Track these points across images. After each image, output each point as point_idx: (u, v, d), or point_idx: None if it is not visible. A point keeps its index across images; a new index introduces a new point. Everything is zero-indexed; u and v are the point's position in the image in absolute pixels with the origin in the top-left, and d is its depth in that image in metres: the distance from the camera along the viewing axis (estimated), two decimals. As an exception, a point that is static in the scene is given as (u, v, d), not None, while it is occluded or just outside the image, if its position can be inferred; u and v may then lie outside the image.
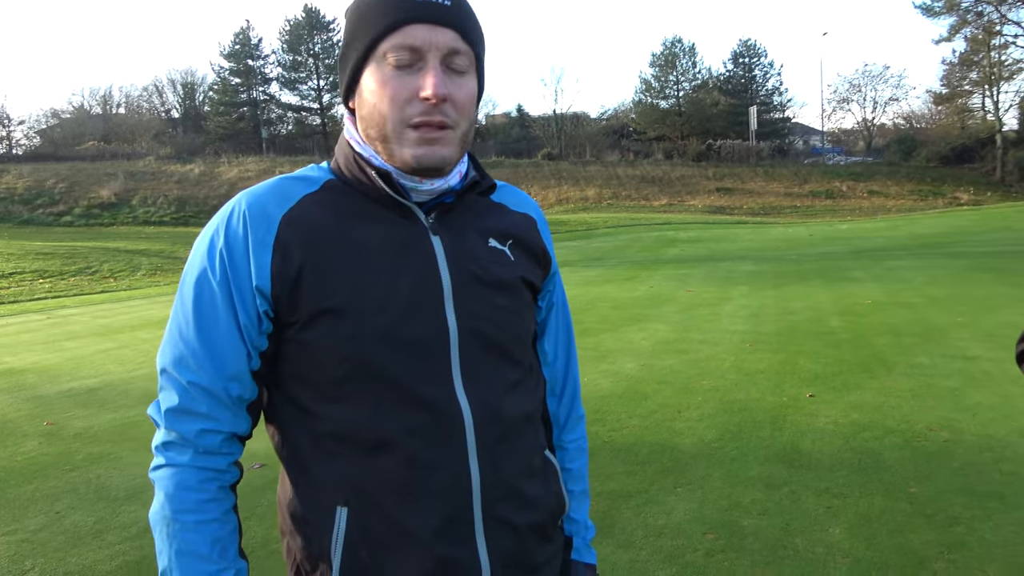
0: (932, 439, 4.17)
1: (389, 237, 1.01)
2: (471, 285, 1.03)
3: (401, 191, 1.00)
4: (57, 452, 4.61)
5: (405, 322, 0.97)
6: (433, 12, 0.95)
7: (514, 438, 1.06)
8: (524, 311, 1.11)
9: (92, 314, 11.15)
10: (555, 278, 1.22)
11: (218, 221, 0.99)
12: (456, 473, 0.99)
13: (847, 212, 31.06)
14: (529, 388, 1.12)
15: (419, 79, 0.95)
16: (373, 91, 0.97)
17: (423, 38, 0.95)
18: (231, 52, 45.92)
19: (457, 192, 1.05)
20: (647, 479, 3.77)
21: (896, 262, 12.81)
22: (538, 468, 1.12)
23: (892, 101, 65.42)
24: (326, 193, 1.03)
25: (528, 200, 1.21)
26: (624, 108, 52.57)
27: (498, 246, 1.09)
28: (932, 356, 6.01)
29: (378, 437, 0.97)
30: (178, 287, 1.00)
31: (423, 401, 0.98)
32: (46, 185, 29.38)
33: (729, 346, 6.73)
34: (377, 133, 0.99)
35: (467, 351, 1.01)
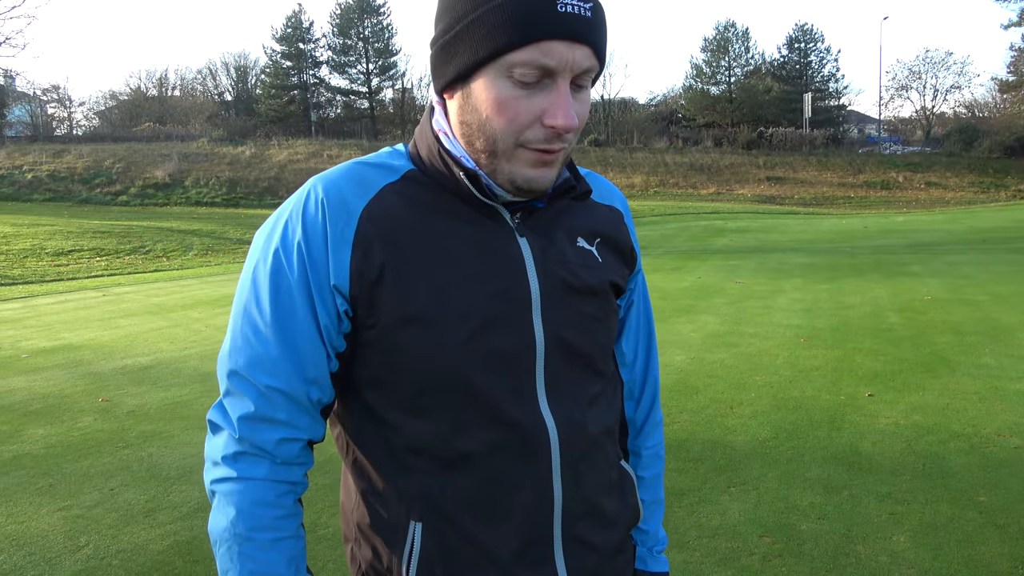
0: (1001, 445, 3.97)
1: (474, 238, 0.92)
2: (560, 292, 0.94)
3: (488, 192, 0.91)
4: (111, 429, 4.70)
5: (491, 333, 0.90)
6: (574, 27, 0.83)
7: (595, 454, 0.99)
8: (610, 318, 1.03)
9: (146, 292, 11.41)
10: (639, 275, 1.13)
11: (292, 209, 0.91)
12: (539, 492, 0.93)
13: (903, 204, 30.09)
14: (610, 399, 1.05)
15: (544, 101, 0.84)
16: (488, 104, 0.86)
17: (560, 57, 0.83)
18: (283, 35, 46.43)
19: (549, 196, 0.96)
20: (700, 477, 3.67)
21: (957, 257, 12.34)
22: (616, 482, 1.05)
23: (954, 89, 63.16)
24: (407, 183, 0.94)
25: (614, 190, 1.12)
26: (673, 94, 51.78)
27: (586, 246, 1.00)
28: (999, 357, 5.75)
29: (457, 452, 0.91)
30: (244, 280, 0.93)
31: (507, 417, 0.91)
32: (104, 165, 30.16)
33: (782, 341, 6.55)
34: (485, 146, 0.89)
35: (552, 364, 0.93)
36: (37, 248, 16.45)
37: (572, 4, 0.82)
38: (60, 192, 27.70)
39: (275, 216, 0.94)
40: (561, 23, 0.82)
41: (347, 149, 34.73)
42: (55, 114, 44.08)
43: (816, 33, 47.91)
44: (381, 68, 46.93)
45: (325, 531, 3.20)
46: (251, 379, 0.89)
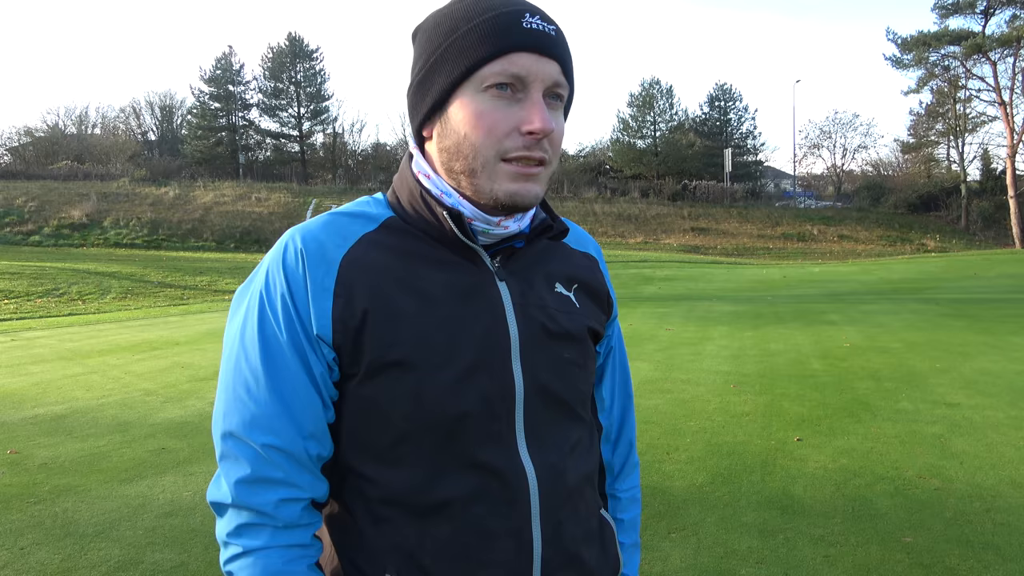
0: (922, 487, 4.15)
1: (454, 283, 0.93)
2: (539, 337, 0.95)
3: (470, 234, 0.92)
4: (21, 483, 4.40)
5: (470, 378, 0.90)
6: (540, 41, 0.88)
7: (576, 502, 0.99)
8: (589, 363, 1.04)
9: (59, 337, 10.83)
10: (615, 322, 1.16)
11: (272, 262, 0.91)
12: (518, 541, 0.92)
13: (819, 255, 31.58)
14: (589, 446, 1.05)
15: (522, 111, 0.88)
16: (466, 121, 0.89)
17: (529, 67, 0.87)
18: (212, 77, 45.75)
19: (527, 237, 0.98)
20: (640, 523, 3.68)
21: (871, 306, 12.98)
22: (596, 531, 1.05)
23: (861, 148, 67.43)
24: (386, 232, 0.95)
25: (587, 237, 1.15)
26: (602, 146, 53.23)
27: (564, 291, 1.02)
28: (915, 402, 6.03)
29: (434, 501, 0.89)
30: (232, 338, 0.91)
31: (486, 463, 0.90)
32: (15, 203, 28.78)
33: (713, 386, 6.71)
34: (464, 166, 0.90)
35: (532, 409, 0.94)
36: (-62, 289, 15.46)
37: (536, 22, 0.89)
38: (-35, 231, 26.20)
39: (255, 272, 0.93)
40: (527, 36, 0.87)
41: (276, 192, 34.22)
42: (-38, 149, 41.93)
43: (735, 92, 50.39)
44: (313, 112, 46.71)
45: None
46: (247, 439, 0.86)
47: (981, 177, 41.43)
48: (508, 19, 0.88)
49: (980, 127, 40.37)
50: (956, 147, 41.91)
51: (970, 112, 40.05)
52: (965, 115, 40.15)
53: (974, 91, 39.00)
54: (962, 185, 38.96)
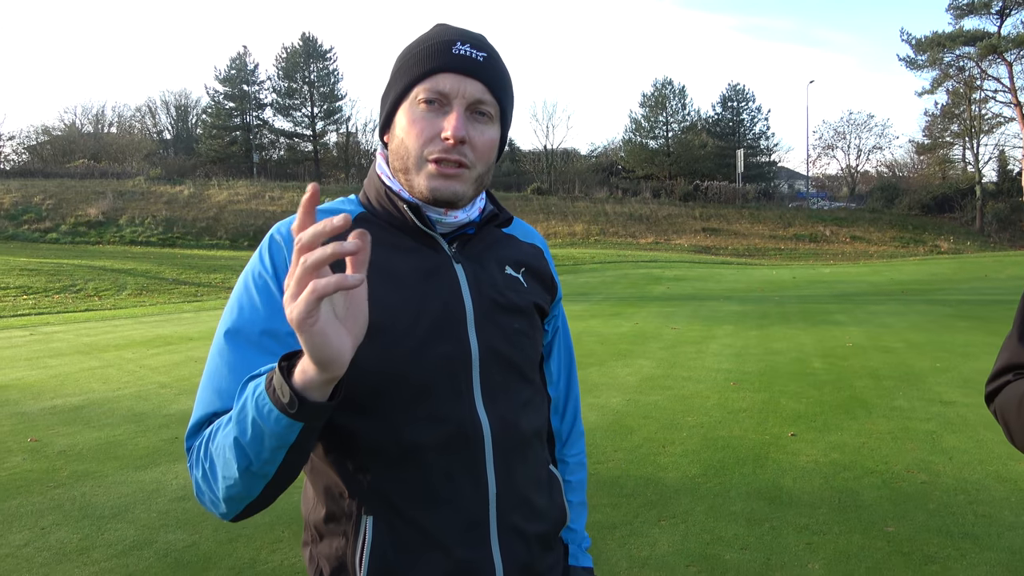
0: (910, 480, 4.26)
1: (418, 265, 1.10)
2: (491, 310, 1.12)
3: (428, 223, 1.09)
4: (42, 469, 4.59)
5: (432, 342, 1.06)
6: (464, 64, 1.06)
7: (526, 451, 1.15)
8: (536, 334, 1.21)
9: (76, 332, 11.09)
10: (560, 304, 1.33)
11: (259, 252, 1.08)
12: (475, 482, 1.07)
13: (830, 256, 31.53)
14: (539, 406, 1.21)
15: (443, 121, 1.05)
16: (403, 127, 1.07)
17: (451, 86, 1.05)
18: (227, 76, 46.19)
19: (477, 224, 1.15)
20: (631, 512, 3.83)
21: (877, 307, 13.03)
22: (544, 480, 1.21)
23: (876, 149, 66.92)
24: (357, 224, 1.11)
25: (534, 232, 1.33)
26: (614, 146, 53.35)
27: (513, 273, 1.19)
28: (911, 399, 6.13)
29: (404, 449, 1.04)
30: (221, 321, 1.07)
31: (448, 415, 1.06)
32: (33, 201, 29.23)
33: (713, 384, 6.83)
34: (401, 165, 1.09)
35: (487, 370, 1.10)
36: (-41, 285, 15.79)
37: (465, 49, 1.07)
38: (-15, 228, 26.65)
39: (248, 265, 1.09)
40: (453, 60, 1.06)
41: (289, 191, 34.52)
42: (-18, 148, 42.55)
43: (748, 93, 50.29)
44: (326, 112, 47.04)
45: (264, 567, 3.22)
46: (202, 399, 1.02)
47: (997, 178, 41.19)
48: (441, 46, 1.07)
49: (996, 128, 40.18)
50: (971, 148, 41.68)
51: (985, 113, 39.86)
52: (980, 116, 39.92)
53: (990, 92, 38.85)
54: (977, 187, 38.71)
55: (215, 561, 3.29)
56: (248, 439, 0.86)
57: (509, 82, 1.13)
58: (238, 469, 0.89)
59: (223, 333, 1.03)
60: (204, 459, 0.95)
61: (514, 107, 1.16)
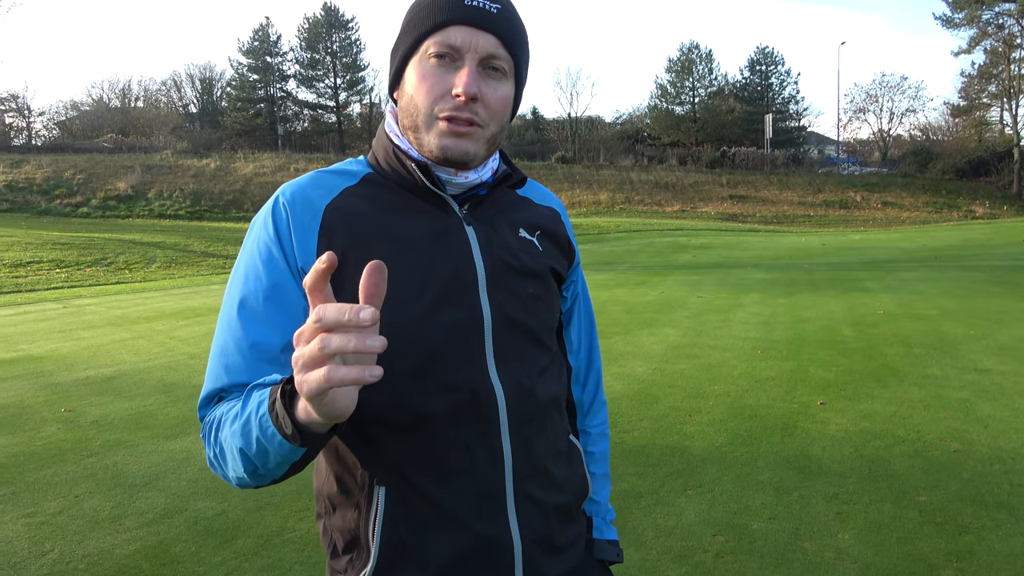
0: (942, 449, 4.18)
1: (426, 227, 1.05)
2: (503, 273, 1.07)
3: (438, 183, 1.05)
4: (75, 438, 4.68)
5: (442, 307, 1.02)
6: (476, 16, 1.00)
7: (543, 420, 1.11)
8: (552, 299, 1.16)
9: (107, 304, 11.27)
10: (578, 269, 1.27)
11: (264, 214, 1.04)
12: (490, 452, 1.03)
13: (861, 222, 30.95)
14: (556, 373, 1.16)
15: (455, 77, 1.00)
16: (413, 83, 1.02)
17: (463, 39, 1.00)
18: (250, 49, 46.19)
19: (489, 185, 1.10)
20: (658, 481, 3.80)
21: (909, 273, 12.77)
22: (564, 451, 1.17)
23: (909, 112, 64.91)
24: (366, 186, 1.07)
25: (551, 195, 1.27)
26: (639, 113, 52.61)
27: (527, 236, 1.14)
28: (943, 367, 6.01)
29: (415, 418, 1.01)
30: (234, 271, 1.04)
31: (459, 383, 1.02)
32: (64, 176, 29.65)
33: (740, 352, 6.75)
34: (410, 122, 1.04)
35: (500, 336, 1.05)
36: (-6, 259, 16.12)
37: (478, 1, 1.01)
38: (18, 203, 27.13)
39: (252, 223, 1.06)
40: (466, 12, 1.00)
41: (314, 163, 34.60)
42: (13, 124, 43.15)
43: (777, 56, 49.16)
44: (349, 83, 46.92)
45: (292, 535, 3.26)
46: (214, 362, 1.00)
47: (1035, 141, 39.96)
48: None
49: (1035, 88, 38.85)
50: (1009, 110, 40.46)
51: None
52: (1019, 76, 38.61)
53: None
54: (1015, 149, 37.60)
55: (243, 529, 3.33)
56: (253, 453, 0.87)
57: (525, 36, 1.07)
58: (246, 471, 0.90)
59: (229, 305, 1.01)
60: (214, 444, 0.95)
61: (529, 63, 1.10)
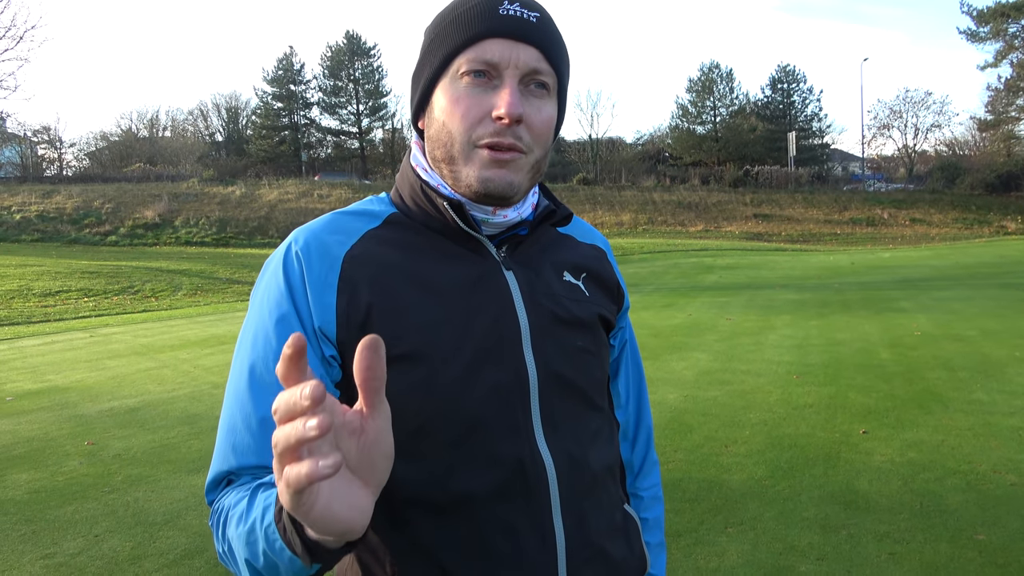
0: (997, 482, 3.95)
1: (461, 274, 0.92)
2: (550, 325, 0.94)
3: (473, 223, 0.91)
4: (97, 473, 4.61)
5: (482, 368, 0.88)
6: (515, 27, 0.87)
7: (598, 492, 0.97)
8: (602, 351, 1.02)
9: (133, 333, 11.31)
10: (626, 314, 1.14)
11: (275, 263, 0.91)
12: (540, 535, 0.89)
13: (889, 240, 30.43)
14: (609, 437, 1.03)
15: (494, 97, 0.87)
16: (444, 108, 0.89)
17: (502, 54, 0.87)
18: (274, 77, 46.96)
19: (530, 223, 0.97)
20: (696, 518, 3.62)
21: (944, 292, 12.44)
22: (620, 525, 1.02)
23: (934, 128, 63.89)
24: (390, 228, 0.94)
25: (594, 231, 1.14)
26: (660, 133, 52.51)
27: (573, 280, 1.01)
28: (990, 392, 5.75)
29: (453, 496, 0.87)
30: (242, 334, 0.91)
31: (503, 454, 0.88)
32: (93, 205, 30.13)
33: (774, 378, 6.54)
34: (443, 154, 0.90)
35: (548, 398, 0.91)
36: (24, 289, 16.32)
37: (515, 9, 0.88)
38: (49, 232, 27.59)
39: (262, 272, 0.93)
40: (503, 23, 0.87)
41: (337, 188, 34.89)
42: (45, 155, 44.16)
43: (798, 74, 48.97)
44: (371, 109, 47.47)
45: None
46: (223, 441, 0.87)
47: (1067, 154, 39.21)
48: (484, 7, 0.88)
49: (1065, 101, 38.17)
50: (1038, 123, 39.74)
51: (1054, 85, 37.90)
52: (1048, 89, 37.99)
53: (1058, 63, 36.88)
54: (1046, 163, 36.90)
55: (266, 571, 3.21)
56: (261, 566, 0.73)
57: (566, 48, 0.94)
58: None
59: (237, 374, 0.88)
60: (223, 540, 0.81)
61: (570, 78, 0.97)
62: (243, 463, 0.84)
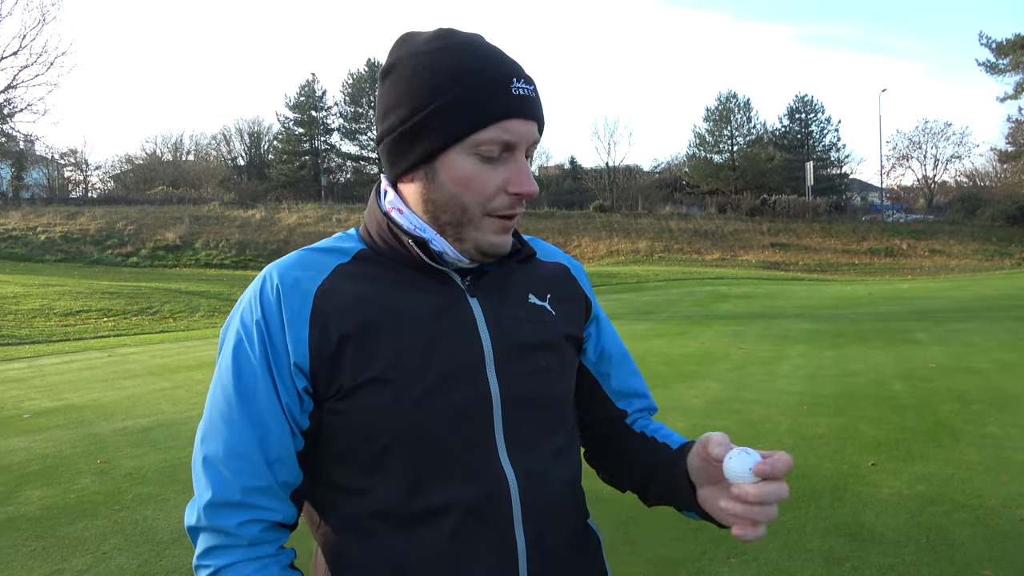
0: (1007, 517, 3.91)
1: (426, 302, 0.97)
2: (513, 348, 0.99)
3: (435, 257, 0.97)
4: (107, 491, 4.67)
5: (446, 389, 0.93)
6: (528, 107, 0.94)
7: (560, 507, 1.01)
8: (568, 370, 1.07)
9: (150, 353, 11.45)
10: (598, 320, 1.17)
11: (250, 296, 0.96)
12: (502, 547, 0.94)
13: (908, 271, 30.21)
14: (573, 454, 1.07)
15: (505, 172, 0.94)
16: (456, 180, 0.94)
17: (519, 133, 0.93)
18: (296, 103, 47.78)
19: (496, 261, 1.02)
20: (698, 547, 3.62)
21: (962, 324, 12.32)
22: (580, 539, 1.06)
23: (954, 159, 63.54)
24: (358, 263, 0.99)
25: (557, 251, 1.19)
26: (677, 161, 52.72)
27: (538, 302, 1.05)
28: (1004, 426, 5.69)
29: (418, 511, 0.92)
30: (216, 367, 0.96)
31: (466, 471, 0.93)
32: (116, 227, 30.69)
33: (785, 408, 6.51)
34: (451, 219, 0.96)
35: (511, 417, 0.96)
36: (46, 308, 16.60)
37: (523, 88, 0.94)
38: (72, 253, 28.10)
39: (237, 305, 0.98)
40: (519, 104, 0.93)
41: (355, 213, 35.27)
42: (71, 177, 45.12)
43: (816, 104, 49.07)
44: (391, 135, 48.03)
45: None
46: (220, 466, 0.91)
47: (1089, 186, 38.82)
48: (498, 85, 0.92)
49: (1086, 133, 37.90)
50: (1060, 155, 39.45)
51: (1075, 117, 37.66)
52: (1070, 121, 37.77)
53: (1079, 95, 36.66)
54: (1068, 195, 36.56)
55: (268, 591, 3.24)
56: None
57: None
58: None
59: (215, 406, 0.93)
60: None
61: None
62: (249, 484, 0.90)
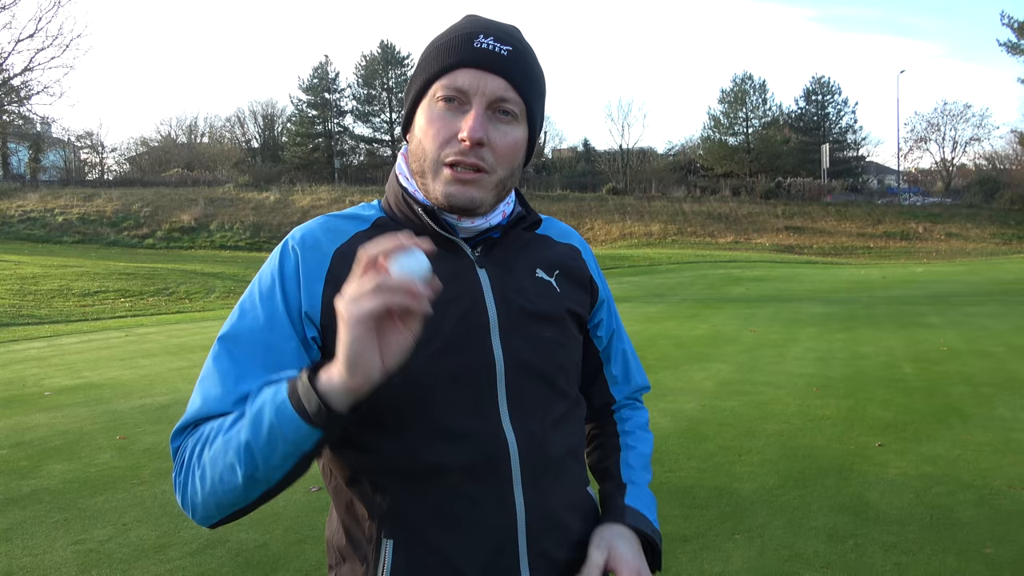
0: (1011, 497, 3.94)
1: (437, 271, 1.00)
2: (517, 317, 1.04)
3: (447, 227, 1.03)
4: (127, 466, 4.79)
5: (452, 354, 0.99)
6: (485, 59, 0.99)
7: (560, 471, 1.07)
8: (571, 343, 1.12)
9: (167, 333, 11.61)
10: (605, 306, 1.23)
11: (274, 254, 1.03)
12: (501, 506, 1.00)
13: (923, 255, 29.94)
14: (575, 421, 1.12)
15: (461, 121, 0.98)
16: (421, 127, 1.01)
17: (471, 83, 0.98)
18: (309, 86, 47.71)
19: (502, 227, 1.07)
20: (704, 524, 3.68)
21: (975, 308, 12.25)
22: (580, 504, 1.12)
23: (973, 141, 62.53)
24: (376, 230, 1.05)
25: (571, 231, 1.24)
26: (691, 144, 52.25)
27: (545, 277, 1.11)
28: (1013, 408, 5.70)
29: (423, 468, 0.98)
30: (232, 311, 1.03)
31: (469, 433, 0.99)
32: (132, 209, 30.93)
33: (794, 390, 6.54)
34: (419, 167, 1.03)
35: (514, 383, 1.02)
36: (64, 289, 16.82)
37: (488, 43, 1.00)
38: (89, 234, 28.37)
39: (264, 265, 1.05)
40: (474, 55, 0.99)
41: (369, 195, 35.33)
42: (88, 159, 45.38)
43: (833, 85, 48.43)
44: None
45: (330, 570, 3.24)
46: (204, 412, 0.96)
47: (1111, 169, 38.20)
48: (461, 40, 1.00)
49: (1110, 115, 37.18)
50: (1082, 137, 38.78)
51: (1098, 99, 36.95)
52: (1092, 102, 37.06)
53: (1103, 76, 35.96)
54: (1088, 178, 35.99)
55: (283, 563, 3.34)
56: (262, 443, 0.85)
57: (538, 78, 1.05)
58: (242, 475, 0.86)
59: (221, 337, 1.00)
60: (196, 465, 0.91)
61: (545, 104, 1.08)
62: (212, 410, 0.94)
